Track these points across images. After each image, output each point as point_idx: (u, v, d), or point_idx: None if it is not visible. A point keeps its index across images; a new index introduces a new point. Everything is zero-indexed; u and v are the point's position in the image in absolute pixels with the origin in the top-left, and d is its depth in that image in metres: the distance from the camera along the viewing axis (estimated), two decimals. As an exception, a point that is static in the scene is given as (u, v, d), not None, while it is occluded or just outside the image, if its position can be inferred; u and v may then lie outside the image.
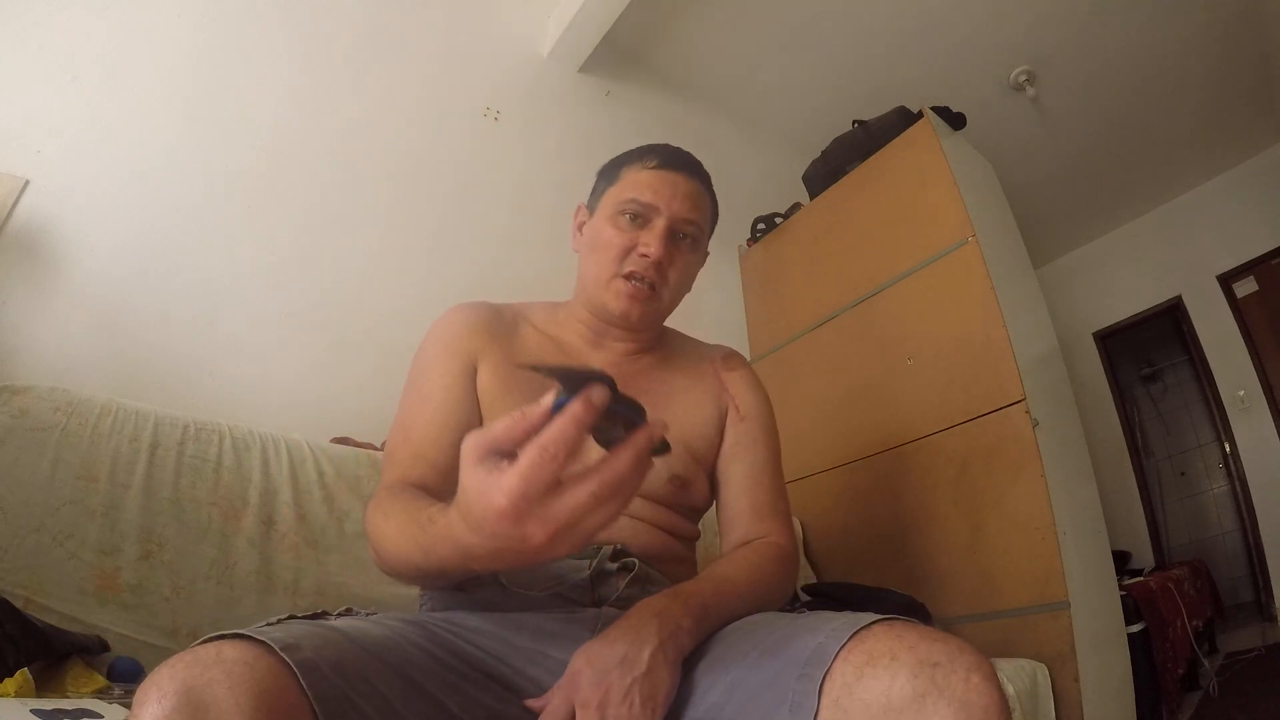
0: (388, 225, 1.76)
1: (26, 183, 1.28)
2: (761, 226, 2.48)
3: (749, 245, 2.53)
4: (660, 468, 0.81)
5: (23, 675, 0.73)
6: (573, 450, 0.41)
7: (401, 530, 0.62)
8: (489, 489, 0.42)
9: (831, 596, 1.41)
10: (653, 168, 0.87)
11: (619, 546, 0.77)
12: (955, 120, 2.09)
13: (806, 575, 1.87)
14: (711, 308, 2.38)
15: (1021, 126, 3.18)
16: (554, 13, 2.28)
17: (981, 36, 2.70)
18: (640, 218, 0.85)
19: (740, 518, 0.86)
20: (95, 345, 1.28)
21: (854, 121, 2.24)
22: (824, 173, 2.30)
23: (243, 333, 1.45)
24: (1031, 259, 2.14)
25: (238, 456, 1.17)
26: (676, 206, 0.86)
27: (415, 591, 0.90)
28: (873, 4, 2.51)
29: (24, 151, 1.30)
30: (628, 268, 0.85)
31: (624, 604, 0.72)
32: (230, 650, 0.43)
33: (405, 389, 0.85)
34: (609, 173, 0.92)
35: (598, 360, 0.90)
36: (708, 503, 0.90)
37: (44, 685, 0.77)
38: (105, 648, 0.88)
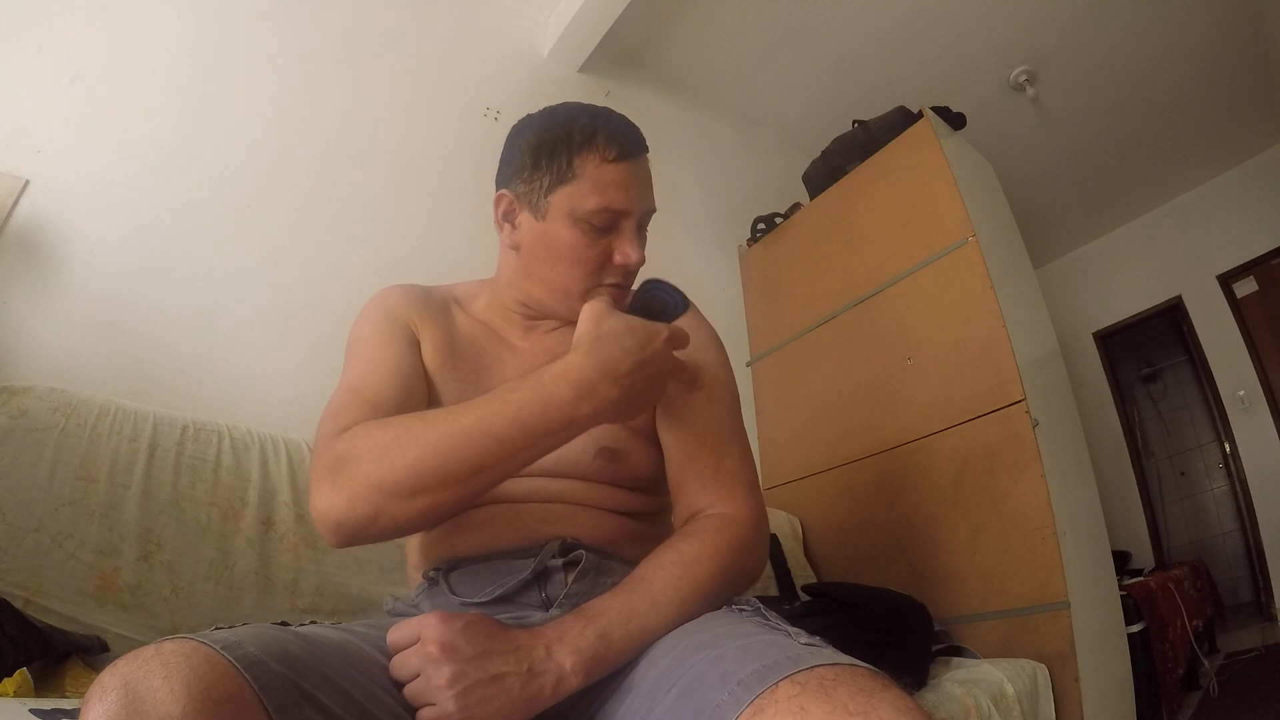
0: (386, 224, 1.76)
1: (26, 183, 1.28)
2: (761, 226, 2.48)
3: (749, 245, 2.53)
4: (586, 442, 0.74)
5: (22, 675, 0.73)
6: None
7: (440, 419, 0.61)
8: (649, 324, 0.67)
9: (832, 597, 1.40)
10: (614, 160, 0.75)
11: (568, 540, 0.71)
12: (955, 120, 2.09)
13: (806, 575, 1.87)
14: (711, 308, 2.36)
15: (1021, 126, 3.18)
16: (554, 13, 2.28)
17: (981, 36, 2.70)
18: (610, 224, 0.76)
19: (683, 490, 0.76)
20: (95, 345, 1.27)
21: (854, 121, 2.24)
22: (824, 173, 2.30)
23: (242, 331, 1.45)
24: (1031, 259, 2.14)
25: (236, 457, 1.17)
26: (644, 201, 0.79)
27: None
28: (873, 4, 2.51)
29: (24, 151, 1.30)
30: (609, 278, 0.78)
31: (575, 601, 0.64)
32: (169, 645, 0.43)
33: (345, 364, 0.78)
34: (554, 164, 0.76)
35: (527, 345, 0.84)
36: (658, 470, 0.80)
37: (43, 685, 0.77)
38: (104, 648, 0.88)
